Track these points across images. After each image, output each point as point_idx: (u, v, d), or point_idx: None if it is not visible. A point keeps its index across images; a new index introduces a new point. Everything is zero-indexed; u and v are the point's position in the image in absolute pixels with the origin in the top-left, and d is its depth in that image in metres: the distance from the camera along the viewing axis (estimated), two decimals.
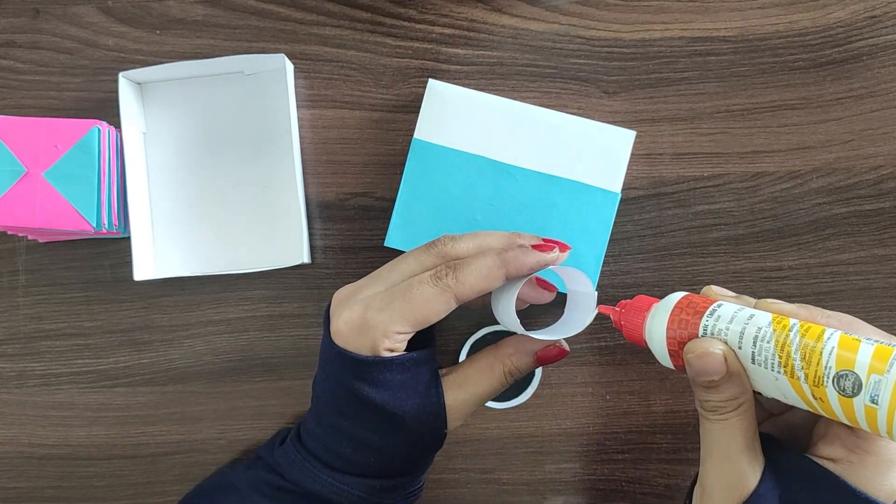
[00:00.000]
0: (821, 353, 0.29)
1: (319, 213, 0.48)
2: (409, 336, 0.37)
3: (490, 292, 0.39)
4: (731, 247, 0.47)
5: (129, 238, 0.46)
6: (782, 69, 0.47)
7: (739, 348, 0.32)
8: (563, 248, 0.37)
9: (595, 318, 0.43)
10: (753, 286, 0.47)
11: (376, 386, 0.36)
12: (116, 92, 0.46)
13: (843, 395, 0.28)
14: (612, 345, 0.47)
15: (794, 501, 0.31)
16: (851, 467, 0.31)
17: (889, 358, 0.28)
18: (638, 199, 0.47)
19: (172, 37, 0.48)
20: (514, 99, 0.45)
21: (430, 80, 0.45)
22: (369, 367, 0.36)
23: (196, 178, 0.48)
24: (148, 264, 0.47)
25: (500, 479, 0.48)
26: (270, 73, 0.48)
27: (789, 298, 0.47)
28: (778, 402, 0.33)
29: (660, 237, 0.47)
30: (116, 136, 0.46)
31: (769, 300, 0.34)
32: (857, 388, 0.28)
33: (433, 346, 0.39)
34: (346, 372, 0.37)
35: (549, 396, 0.47)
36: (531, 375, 0.47)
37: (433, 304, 0.35)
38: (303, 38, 0.48)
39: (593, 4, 0.47)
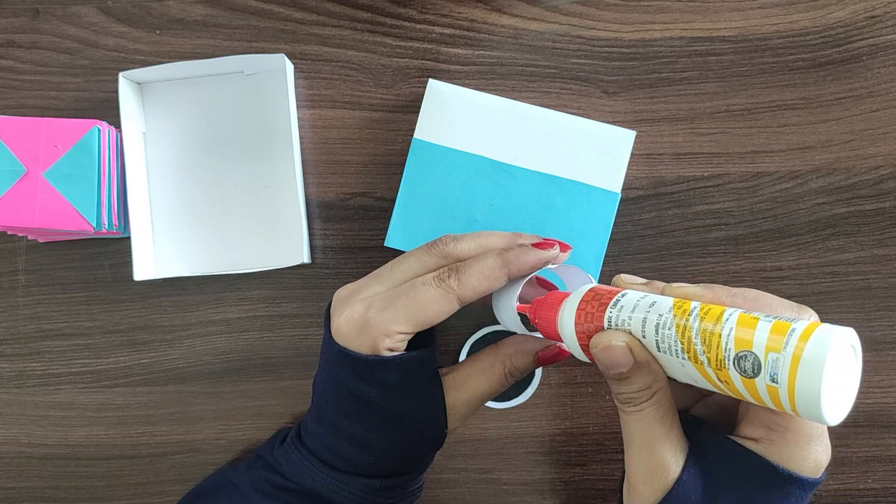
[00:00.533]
0: (720, 335, 0.28)
1: (319, 213, 0.48)
2: (410, 336, 0.37)
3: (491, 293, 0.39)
4: (730, 247, 0.47)
5: (128, 238, 0.46)
6: (782, 69, 0.47)
7: (644, 337, 0.31)
8: (564, 247, 0.37)
9: None
10: (753, 286, 0.47)
11: (376, 385, 0.36)
12: (116, 92, 0.46)
13: (745, 377, 0.28)
14: None
15: (717, 485, 0.31)
16: (773, 445, 0.31)
17: (785, 334, 0.27)
18: (638, 199, 0.47)
19: (172, 37, 0.48)
20: (515, 99, 0.45)
21: (430, 80, 0.45)
22: (369, 366, 0.36)
23: (196, 178, 0.48)
24: (148, 264, 0.47)
25: (499, 478, 0.48)
26: (270, 73, 0.48)
27: (789, 298, 0.46)
28: None
29: (660, 237, 0.47)
30: (116, 136, 0.46)
31: (675, 284, 0.33)
32: (757, 368, 0.27)
33: (433, 345, 0.39)
34: (346, 371, 0.37)
35: (548, 396, 0.47)
36: (531, 375, 0.47)
37: (436, 306, 0.35)
38: (303, 38, 0.48)
39: (593, 4, 0.47)
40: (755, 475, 0.31)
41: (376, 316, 0.36)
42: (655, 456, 0.32)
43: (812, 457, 0.31)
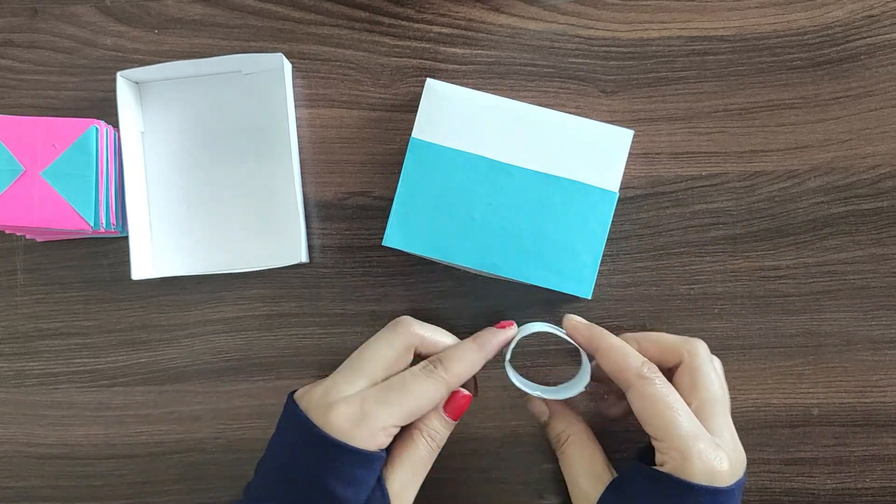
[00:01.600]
0: None
1: (317, 212, 0.48)
2: (398, 430, 0.38)
3: None
4: (729, 246, 0.47)
5: (127, 237, 0.46)
6: (780, 68, 0.47)
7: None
8: (509, 323, 0.42)
9: (597, 321, 0.43)
10: (751, 285, 0.47)
11: (348, 483, 0.36)
12: (115, 91, 0.46)
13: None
14: None
15: (631, 502, 0.37)
16: (673, 463, 0.36)
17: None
18: (636, 198, 0.47)
19: (171, 36, 0.48)
20: (513, 98, 0.45)
21: (429, 79, 0.45)
22: (353, 462, 0.36)
23: (194, 178, 0.48)
24: (146, 263, 0.47)
25: (498, 478, 0.48)
26: (268, 73, 0.48)
27: (787, 298, 0.47)
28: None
29: (658, 236, 0.47)
30: (114, 135, 0.46)
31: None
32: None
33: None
34: (322, 464, 0.36)
35: None
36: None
37: (429, 396, 0.38)
38: (301, 37, 0.48)
39: (591, 4, 0.47)
40: (662, 489, 0.36)
41: (374, 410, 0.37)
42: (579, 486, 0.40)
43: (700, 467, 0.36)
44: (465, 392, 0.40)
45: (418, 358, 0.40)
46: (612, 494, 0.38)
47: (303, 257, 0.46)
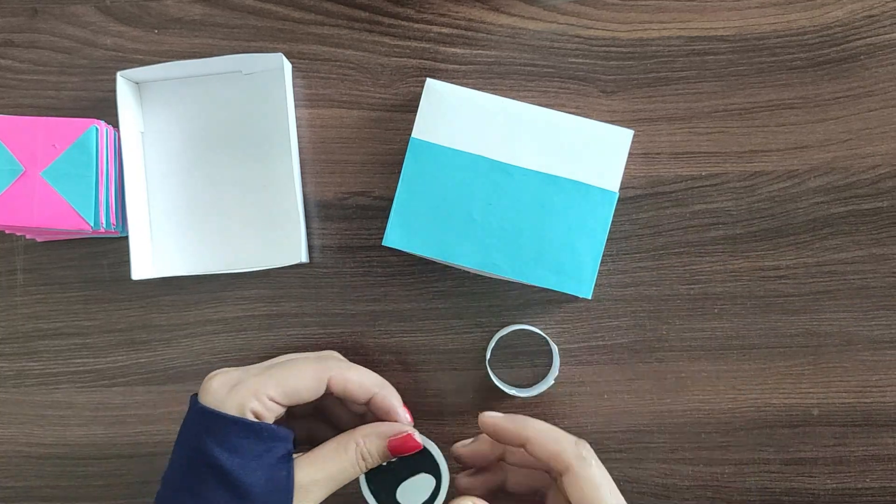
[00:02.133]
0: None
1: (317, 212, 0.48)
2: (279, 409, 0.37)
3: (376, 398, 0.40)
4: (728, 246, 0.47)
5: (127, 237, 0.46)
6: (780, 68, 0.47)
7: None
8: (409, 414, 0.41)
9: (597, 321, 0.42)
10: (751, 286, 0.47)
11: (230, 451, 0.36)
12: (115, 91, 0.46)
13: None
14: (609, 344, 0.47)
15: None
16: None
17: None
18: (636, 198, 0.47)
19: (170, 36, 0.48)
20: (513, 98, 0.45)
21: (428, 79, 0.45)
22: (228, 425, 0.36)
23: (194, 178, 0.48)
24: (146, 263, 0.47)
25: None
26: (268, 73, 0.48)
27: (787, 298, 0.47)
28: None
29: (657, 236, 0.47)
30: (114, 135, 0.46)
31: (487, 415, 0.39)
32: None
33: (292, 432, 0.38)
34: (203, 434, 0.36)
35: (547, 396, 0.47)
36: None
37: (307, 376, 0.38)
38: (301, 37, 0.48)
39: (591, 4, 0.47)
40: None
41: (249, 379, 0.37)
42: None
43: None
44: (418, 440, 0.39)
45: (330, 398, 0.40)
46: None
47: (303, 257, 0.46)
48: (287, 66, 0.47)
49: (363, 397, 0.39)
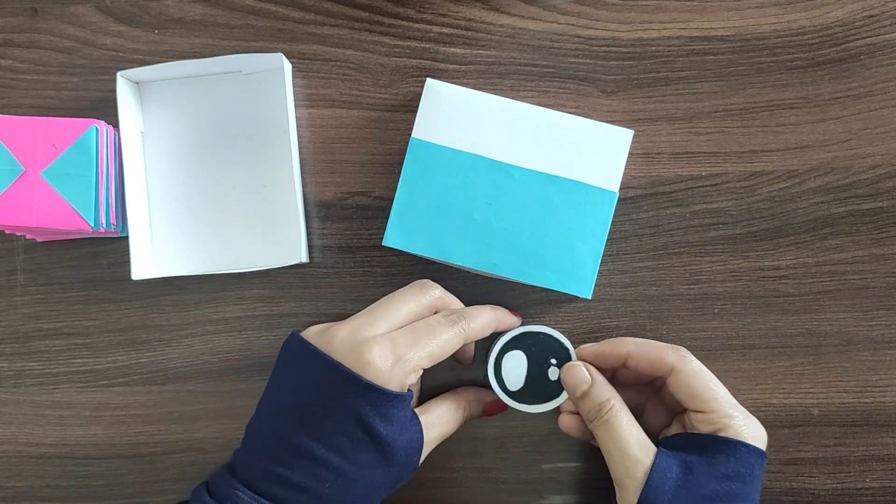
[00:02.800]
0: None
1: (317, 212, 0.48)
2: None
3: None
4: (728, 246, 0.47)
5: (127, 237, 0.46)
6: (780, 68, 0.47)
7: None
8: (518, 314, 0.46)
9: (597, 321, 0.42)
10: (751, 286, 0.47)
11: (386, 421, 0.38)
12: (115, 91, 0.46)
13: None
14: None
15: (687, 459, 0.39)
16: (715, 426, 0.39)
17: None
18: (636, 198, 0.47)
19: (171, 36, 0.48)
20: (513, 98, 0.45)
21: (429, 79, 0.45)
22: (391, 400, 0.38)
23: (194, 178, 0.48)
24: (146, 263, 0.47)
25: (497, 477, 0.48)
26: (268, 73, 0.48)
27: (787, 298, 0.47)
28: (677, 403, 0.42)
29: (657, 236, 0.47)
30: (114, 135, 0.46)
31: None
32: None
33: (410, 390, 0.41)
34: (365, 405, 0.37)
35: None
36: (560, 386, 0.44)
37: (451, 344, 0.40)
38: (301, 37, 0.48)
39: (591, 4, 0.47)
40: (712, 446, 0.39)
41: (406, 353, 0.38)
42: (628, 453, 0.39)
43: (748, 430, 0.39)
44: (504, 403, 0.44)
45: None
46: (666, 458, 0.39)
47: (303, 257, 0.46)
48: (287, 66, 0.47)
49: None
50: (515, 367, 0.43)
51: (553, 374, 0.43)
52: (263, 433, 0.39)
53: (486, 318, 0.42)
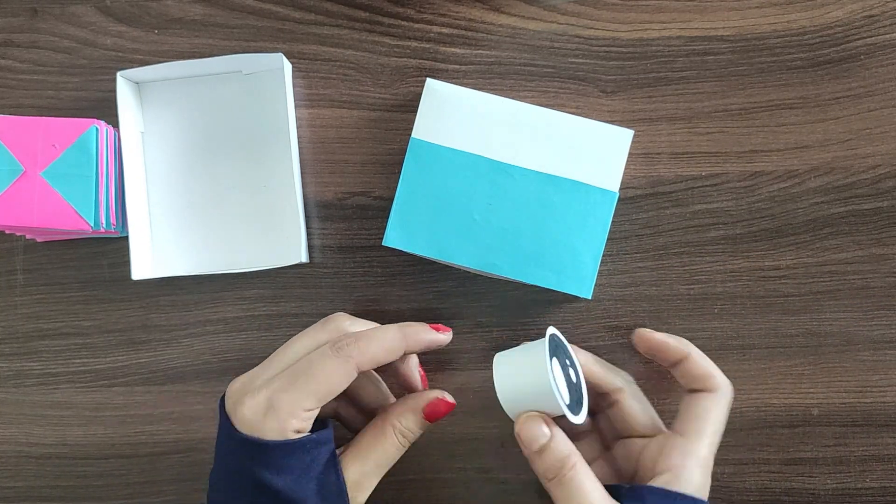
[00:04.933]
0: None
1: (317, 212, 0.48)
2: (316, 413, 0.37)
3: (393, 366, 0.41)
4: (728, 246, 0.47)
5: (127, 237, 0.46)
6: (780, 68, 0.47)
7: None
8: (445, 329, 0.42)
9: (597, 321, 0.42)
10: (751, 286, 0.47)
11: (280, 472, 0.35)
12: (115, 91, 0.46)
13: None
14: (609, 344, 0.47)
15: None
16: (671, 480, 0.38)
17: None
18: (636, 198, 0.47)
19: (171, 36, 0.48)
20: (513, 98, 0.45)
21: (429, 79, 0.45)
22: (273, 451, 0.35)
23: (194, 178, 0.48)
24: (146, 264, 0.47)
25: (498, 477, 0.48)
26: (268, 73, 0.48)
27: (787, 298, 0.47)
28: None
29: (657, 236, 0.47)
30: (114, 135, 0.46)
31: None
32: None
33: (331, 426, 0.39)
34: (248, 461, 0.36)
35: None
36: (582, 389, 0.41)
37: (336, 375, 0.36)
38: (301, 37, 0.48)
39: (591, 4, 0.47)
40: (667, 500, 0.37)
41: (280, 397, 0.36)
42: None
43: (694, 482, 0.38)
44: (450, 399, 0.40)
45: None
46: None
47: (303, 257, 0.46)
48: (287, 66, 0.47)
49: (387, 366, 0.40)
50: (559, 377, 0.38)
51: (573, 375, 0.40)
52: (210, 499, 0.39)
53: (386, 341, 0.38)
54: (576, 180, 0.44)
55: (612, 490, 0.37)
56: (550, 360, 0.37)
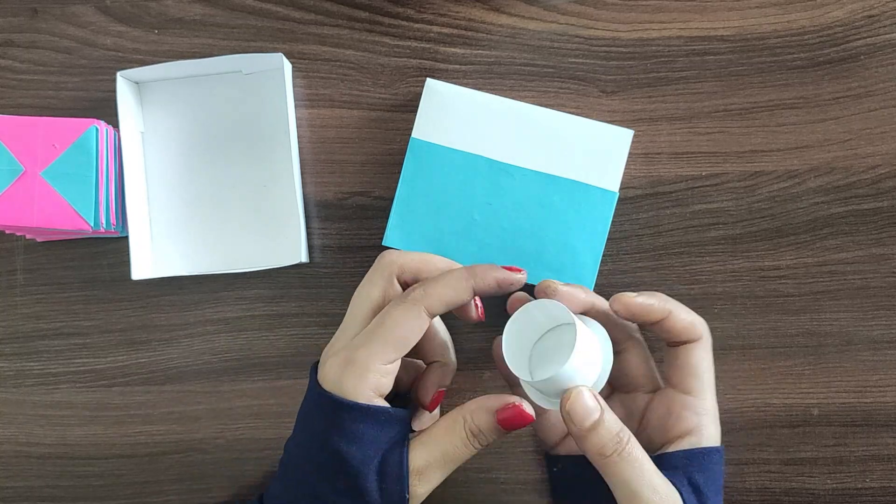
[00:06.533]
0: None
1: (317, 212, 0.48)
2: (395, 367, 0.36)
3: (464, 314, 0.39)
4: (728, 246, 0.47)
5: (127, 237, 0.46)
6: (780, 68, 0.47)
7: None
8: (518, 269, 0.38)
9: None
10: (751, 286, 0.47)
11: (351, 440, 0.35)
12: (114, 91, 0.46)
13: None
14: None
15: (694, 483, 0.37)
16: (696, 440, 0.39)
17: None
18: (636, 198, 0.47)
19: (170, 36, 0.48)
20: (513, 98, 0.45)
21: (428, 79, 0.45)
22: (350, 412, 0.35)
23: (194, 178, 0.48)
24: (146, 264, 0.47)
25: (498, 478, 0.48)
26: (268, 73, 0.48)
27: (787, 298, 0.47)
28: None
29: (658, 236, 0.47)
30: (114, 135, 0.46)
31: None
32: None
33: (409, 410, 0.38)
34: (323, 422, 0.35)
35: None
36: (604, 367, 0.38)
37: (407, 322, 0.35)
38: (301, 37, 0.48)
39: (591, 4, 0.47)
40: (707, 458, 0.38)
41: (358, 353, 0.35)
42: (660, 492, 0.35)
43: (713, 428, 0.40)
44: (528, 411, 0.36)
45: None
46: (686, 491, 0.36)
47: (303, 257, 0.46)
48: (287, 66, 0.47)
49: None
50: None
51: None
52: (280, 471, 0.39)
53: (452, 282, 0.36)
54: (576, 180, 0.44)
55: None
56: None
